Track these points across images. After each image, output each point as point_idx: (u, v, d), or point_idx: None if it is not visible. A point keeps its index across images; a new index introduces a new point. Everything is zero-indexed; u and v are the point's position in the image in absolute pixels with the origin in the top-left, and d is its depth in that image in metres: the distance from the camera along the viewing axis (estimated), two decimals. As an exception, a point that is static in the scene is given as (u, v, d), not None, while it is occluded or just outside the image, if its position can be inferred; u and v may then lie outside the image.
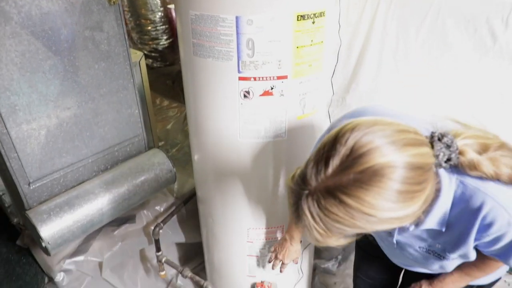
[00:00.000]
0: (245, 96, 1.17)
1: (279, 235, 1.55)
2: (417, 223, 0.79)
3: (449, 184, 0.76)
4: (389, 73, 1.63)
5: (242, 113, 1.20)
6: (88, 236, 1.93)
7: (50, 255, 1.51)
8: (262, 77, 1.13)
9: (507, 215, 0.74)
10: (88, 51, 1.40)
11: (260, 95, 1.17)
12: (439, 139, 0.71)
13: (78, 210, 1.49)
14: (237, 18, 1.04)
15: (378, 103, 1.40)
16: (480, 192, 0.74)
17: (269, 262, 1.46)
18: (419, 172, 0.63)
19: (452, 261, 0.95)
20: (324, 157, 0.63)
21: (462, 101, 1.54)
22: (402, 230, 0.90)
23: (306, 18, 1.07)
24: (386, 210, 0.61)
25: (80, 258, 1.92)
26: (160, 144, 2.57)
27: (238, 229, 1.53)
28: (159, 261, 1.88)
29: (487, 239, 0.79)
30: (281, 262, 1.40)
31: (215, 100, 1.23)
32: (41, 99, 1.34)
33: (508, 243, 0.79)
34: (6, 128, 1.28)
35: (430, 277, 1.12)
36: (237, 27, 1.05)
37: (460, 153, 0.72)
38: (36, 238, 1.47)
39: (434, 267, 1.00)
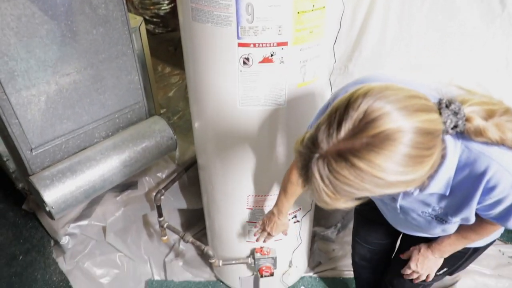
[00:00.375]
0: (244, 63, 1.15)
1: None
2: (421, 188, 0.81)
3: (454, 149, 0.77)
4: (394, 41, 1.59)
5: (242, 80, 1.19)
6: (92, 201, 1.96)
7: (54, 219, 1.54)
8: (262, 44, 1.11)
9: (511, 177, 0.75)
10: (85, 16, 1.37)
11: (260, 62, 1.15)
12: (447, 106, 0.71)
13: (80, 176, 1.51)
14: (236, -19, 1.01)
15: (380, 72, 1.38)
16: (484, 156, 0.75)
17: (255, 235, 1.49)
18: (429, 138, 0.64)
19: (454, 224, 0.97)
20: (336, 121, 0.63)
21: (467, 68, 1.51)
22: (406, 195, 0.91)
23: (307, -19, 1.03)
24: (395, 174, 0.62)
25: (84, 222, 1.96)
26: (161, 111, 2.56)
27: (238, 196, 1.55)
28: (161, 226, 1.92)
29: (488, 202, 0.81)
30: (267, 234, 1.43)
31: (215, 66, 1.21)
32: (40, 65, 1.33)
33: (508, 206, 0.81)
34: (6, 94, 1.28)
35: (428, 241, 1.14)
36: (236, -10, 1.02)
37: (467, 120, 0.73)
38: (40, 202, 1.50)
39: (436, 231, 1.02)
